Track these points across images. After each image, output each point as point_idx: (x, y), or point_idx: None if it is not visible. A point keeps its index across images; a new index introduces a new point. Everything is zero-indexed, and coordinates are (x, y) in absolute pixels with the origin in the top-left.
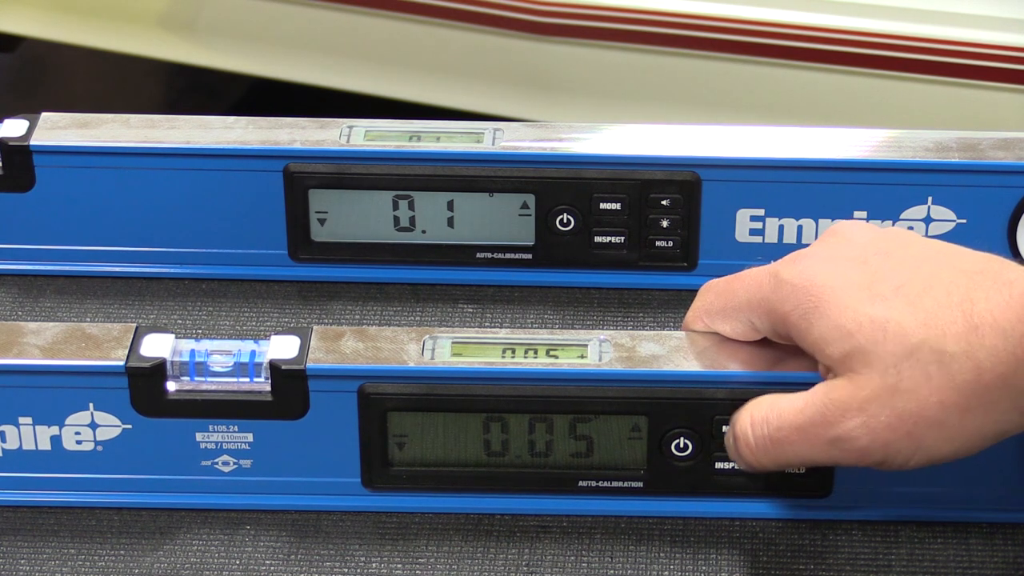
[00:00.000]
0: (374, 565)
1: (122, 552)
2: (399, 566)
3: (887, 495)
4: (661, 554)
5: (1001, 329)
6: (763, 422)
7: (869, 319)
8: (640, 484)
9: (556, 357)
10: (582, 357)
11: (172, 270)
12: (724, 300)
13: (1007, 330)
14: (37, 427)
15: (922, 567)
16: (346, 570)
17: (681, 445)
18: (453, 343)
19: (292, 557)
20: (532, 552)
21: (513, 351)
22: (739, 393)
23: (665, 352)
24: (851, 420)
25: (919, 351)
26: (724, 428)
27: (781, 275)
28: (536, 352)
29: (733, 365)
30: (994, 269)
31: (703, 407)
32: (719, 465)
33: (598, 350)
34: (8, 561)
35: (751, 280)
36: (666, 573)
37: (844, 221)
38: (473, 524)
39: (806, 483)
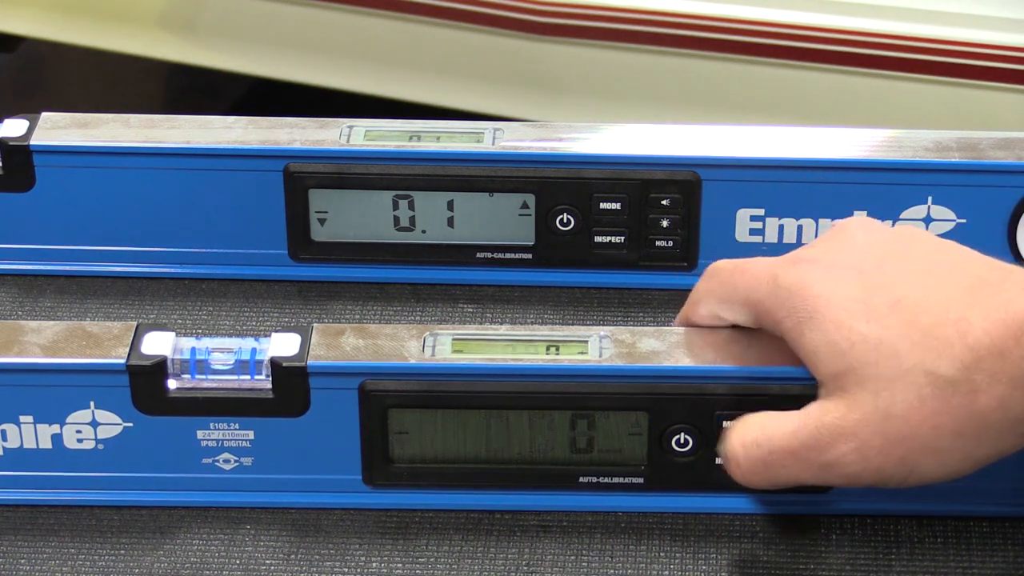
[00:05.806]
0: (374, 564)
1: (122, 551)
2: (399, 565)
3: (888, 490)
4: (661, 553)
5: (998, 351)
6: (754, 444)
7: (862, 338)
8: (641, 480)
9: (557, 353)
10: (582, 353)
11: (172, 270)
12: (725, 290)
13: (1004, 351)
14: (38, 425)
15: (922, 567)
16: (346, 569)
17: (682, 441)
18: (454, 340)
19: (292, 556)
20: (532, 551)
21: (514, 347)
22: (739, 388)
23: (665, 348)
24: (843, 445)
25: (912, 374)
26: (724, 424)
27: (779, 279)
28: (537, 348)
29: (732, 360)
30: (994, 282)
31: (704, 403)
32: (720, 461)
33: (599, 346)
34: (8, 561)
35: (751, 277)
36: (666, 572)
37: (849, 219)
38: (474, 523)
39: None
